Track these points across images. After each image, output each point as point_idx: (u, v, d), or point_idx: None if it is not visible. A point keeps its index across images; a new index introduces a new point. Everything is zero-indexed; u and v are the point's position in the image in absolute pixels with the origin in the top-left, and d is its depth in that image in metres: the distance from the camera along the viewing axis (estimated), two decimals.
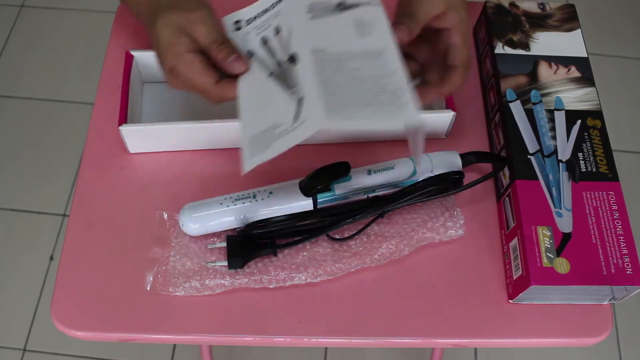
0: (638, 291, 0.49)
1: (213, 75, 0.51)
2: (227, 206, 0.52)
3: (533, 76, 0.58)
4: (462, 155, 0.56)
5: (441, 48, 0.53)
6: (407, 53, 0.55)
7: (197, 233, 0.53)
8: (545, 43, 0.60)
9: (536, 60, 0.59)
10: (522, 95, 0.57)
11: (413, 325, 0.51)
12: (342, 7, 0.52)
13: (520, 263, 0.50)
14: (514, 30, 0.61)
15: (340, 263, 0.53)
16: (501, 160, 0.56)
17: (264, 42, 0.53)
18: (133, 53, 0.59)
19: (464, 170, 0.55)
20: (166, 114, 0.61)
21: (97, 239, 0.54)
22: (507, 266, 0.53)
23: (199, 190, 0.57)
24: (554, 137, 0.55)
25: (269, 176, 0.56)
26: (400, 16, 0.52)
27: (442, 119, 0.57)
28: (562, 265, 0.49)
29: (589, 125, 0.56)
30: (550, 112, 0.56)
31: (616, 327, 1.20)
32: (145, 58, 0.60)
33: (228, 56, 0.51)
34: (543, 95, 0.57)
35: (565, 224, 0.51)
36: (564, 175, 0.53)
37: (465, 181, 0.55)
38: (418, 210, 0.55)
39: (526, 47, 0.60)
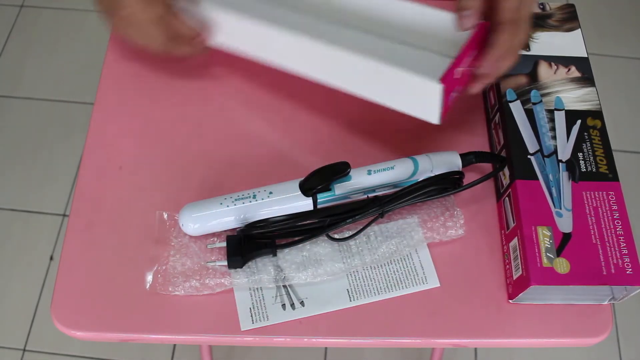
0: (638, 291, 0.49)
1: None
2: (227, 206, 0.52)
3: (533, 76, 0.58)
4: (462, 155, 0.56)
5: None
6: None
7: (197, 233, 0.53)
8: (545, 43, 0.60)
9: (536, 60, 0.59)
10: (522, 95, 0.57)
11: (413, 325, 0.51)
12: None
13: (520, 263, 0.50)
14: None
15: (340, 263, 0.53)
16: (501, 160, 0.56)
17: None
18: None
19: (464, 170, 0.55)
20: None
21: (97, 239, 0.54)
22: (507, 266, 0.53)
23: (198, 190, 0.57)
24: (554, 137, 0.55)
25: (269, 176, 0.56)
26: None
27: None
28: (562, 265, 0.49)
29: (589, 125, 0.56)
30: (550, 112, 0.56)
31: (616, 327, 1.20)
32: None
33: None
34: (543, 95, 0.57)
35: (565, 224, 0.51)
36: (564, 175, 0.53)
37: (465, 181, 0.55)
38: (418, 210, 0.55)
39: (526, 47, 0.60)
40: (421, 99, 0.49)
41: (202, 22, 0.56)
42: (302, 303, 0.52)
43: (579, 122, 0.56)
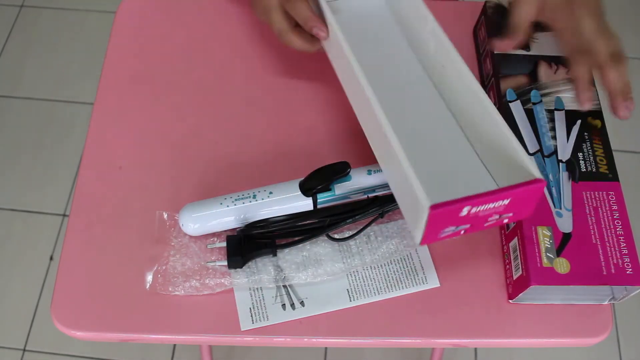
0: (638, 291, 0.49)
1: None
2: (227, 206, 0.52)
3: (533, 76, 0.58)
4: None
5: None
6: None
7: (197, 233, 0.53)
8: (545, 43, 0.60)
9: (536, 60, 0.59)
10: (522, 95, 0.57)
11: (413, 325, 0.51)
12: None
13: (520, 263, 0.50)
14: None
15: (340, 263, 0.53)
16: None
17: None
18: None
19: None
20: None
21: (97, 239, 0.54)
22: (507, 266, 0.53)
23: (198, 190, 0.57)
24: (554, 137, 0.55)
25: (269, 176, 0.56)
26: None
27: None
28: (562, 265, 0.49)
29: (589, 125, 0.56)
30: (550, 112, 0.56)
31: (616, 327, 1.20)
32: None
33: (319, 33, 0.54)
34: (543, 95, 0.57)
35: (565, 224, 0.51)
36: (564, 175, 0.53)
37: None
38: None
39: (526, 47, 0.60)
40: (415, 210, 0.43)
41: (316, 18, 0.54)
42: (302, 303, 0.52)
43: (579, 122, 0.56)
